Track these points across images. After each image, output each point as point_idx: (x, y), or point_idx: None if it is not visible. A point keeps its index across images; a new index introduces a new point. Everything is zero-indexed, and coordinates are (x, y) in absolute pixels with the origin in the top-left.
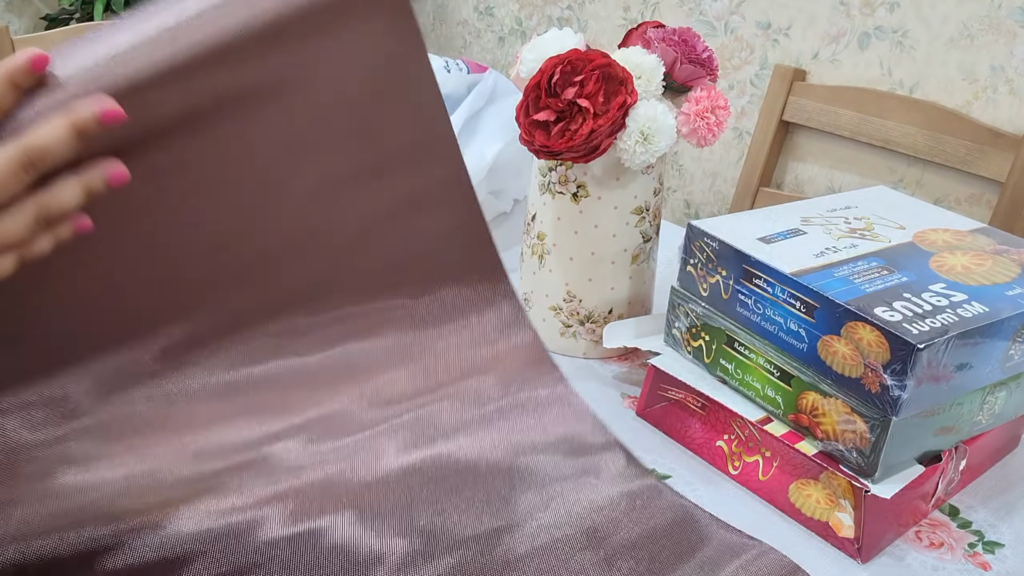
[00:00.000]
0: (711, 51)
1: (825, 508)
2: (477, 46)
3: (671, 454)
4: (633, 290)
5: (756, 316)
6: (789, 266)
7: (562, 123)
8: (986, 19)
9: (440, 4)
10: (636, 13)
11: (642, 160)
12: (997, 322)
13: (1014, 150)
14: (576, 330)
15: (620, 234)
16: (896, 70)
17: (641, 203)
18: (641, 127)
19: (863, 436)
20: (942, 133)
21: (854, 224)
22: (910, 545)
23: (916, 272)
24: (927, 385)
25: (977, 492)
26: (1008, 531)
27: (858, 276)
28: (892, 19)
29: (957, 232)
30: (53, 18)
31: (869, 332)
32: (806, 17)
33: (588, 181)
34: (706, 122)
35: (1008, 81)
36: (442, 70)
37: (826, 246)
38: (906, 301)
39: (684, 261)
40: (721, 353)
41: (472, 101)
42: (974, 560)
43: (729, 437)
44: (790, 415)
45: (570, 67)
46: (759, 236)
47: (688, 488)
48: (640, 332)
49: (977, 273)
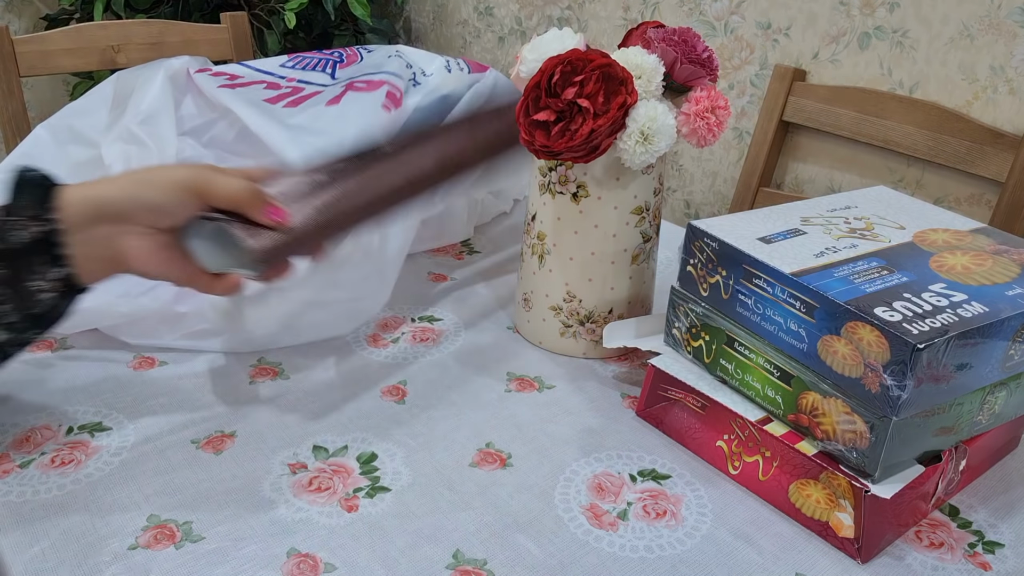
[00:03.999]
0: (711, 51)
1: (825, 508)
2: (477, 46)
3: (671, 454)
4: (633, 290)
5: (756, 316)
6: (789, 266)
7: (562, 123)
8: (986, 19)
9: (440, 4)
10: (636, 13)
11: (642, 160)
12: (997, 322)
13: (1014, 150)
14: (576, 330)
15: (620, 234)
16: (896, 70)
17: (641, 203)
18: (641, 127)
19: (863, 436)
20: (942, 133)
21: (854, 224)
22: (910, 545)
23: (916, 272)
24: (927, 385)
25: (977, 492)
26: (1008, 531)
27: (858, 276)
28: (892, 19)
29: (957, 232)
30: (53, 18)
31: (869, 332)
32: (806, 17)
33: (588, 181)
34: (706, 122)
35: (1008, 81)
36: (443, 70)
37: (826, 246)
38: (906, 301)
39: (684, 261)
40: (721, 353)
41: (470, 100)
42: (974, 560)
43: (729, 437)
44: (790, 415)
45: (570, 67)
46: (759, 236)
47: (688, 488)
48: (640, 332)
49: (977, 273)
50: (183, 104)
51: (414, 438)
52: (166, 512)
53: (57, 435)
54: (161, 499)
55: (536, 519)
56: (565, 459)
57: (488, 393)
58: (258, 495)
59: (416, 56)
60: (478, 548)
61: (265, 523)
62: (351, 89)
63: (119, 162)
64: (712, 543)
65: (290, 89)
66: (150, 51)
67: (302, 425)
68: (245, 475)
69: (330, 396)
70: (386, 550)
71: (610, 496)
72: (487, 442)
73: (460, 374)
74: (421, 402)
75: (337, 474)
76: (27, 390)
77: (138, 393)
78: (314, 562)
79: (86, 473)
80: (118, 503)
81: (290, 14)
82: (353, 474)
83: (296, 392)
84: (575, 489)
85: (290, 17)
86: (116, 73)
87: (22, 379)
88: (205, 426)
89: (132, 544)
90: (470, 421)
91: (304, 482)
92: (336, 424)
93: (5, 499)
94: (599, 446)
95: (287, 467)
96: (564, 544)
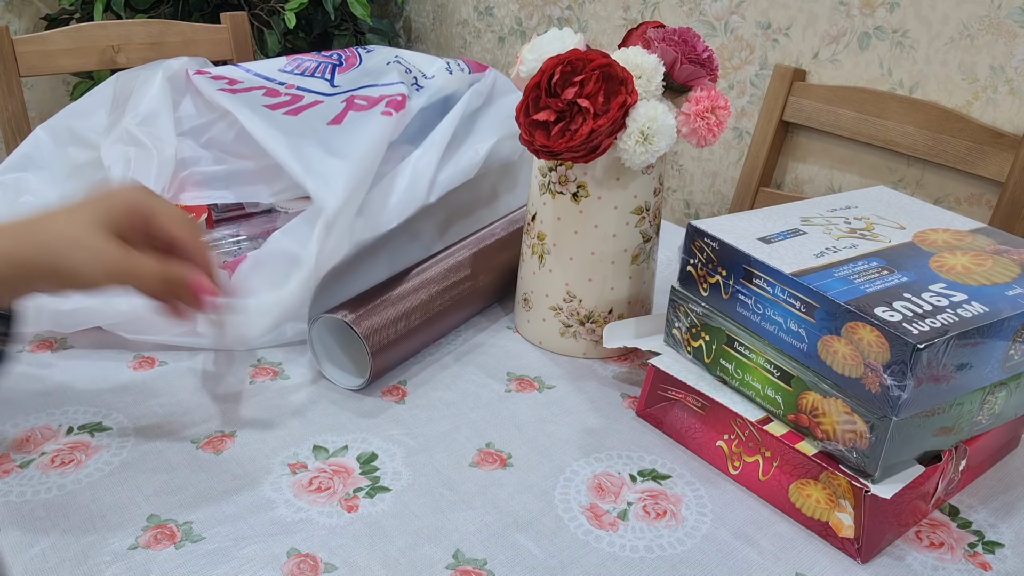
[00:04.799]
0: (711, 51)
1: (825, 508)
2: (477, 46)
3: (671, 454)
4: (633, 290)
5: (756, 316)
6: (789, 266)
7: (562, 123)
8: (986, 19)
9: (440, 4)
10: (636, 13)
11: (642, 160)
12: (997, 322)
13: (1014, 150)
14: (576, 330)
15: (620, 234)
16: (896, 70)
17: (641, 203)
18: (641, 127)
19: (863, 436)
20: (942, 133)
21: (854, 224)
22: (910, 545)
23: (916, 272)
24: (927, 385)
25: (977, 492)
26: (1008, 531)
27: (858, 276)
28: (892, 19)
29: (957, 232)
30: (53, 18)
31: (869, 332)
32: (806, 17)
33: (588, 181)
34: (706, 122)
35: (1008, 81)
36: (444, 71)
37: (826, 246)
38: (906, 301)
39: (684, 261)
40: (721, 353)
41: (469, 99)
42: (974, 560)
43: (729, 437)
44: (790, 415)
45: (570, 67)
46: (759, 236)
47: (688, 488)
48: (640, 332)
49: (977, 273)
50: (182, 105)
51: (414, 438)
52: (166, 512)
53: (57, 435)
54: (161, 499)
55: (536, 519)
56: (565, 459)
57: (488, 393)
58: (258, 495)
59: (415, 59)
60: (478, 548)
61: (265, 523)
62: (352, 108)
63: (118, 164)
64: (712, 543)
65: (289, 97)
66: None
67: (302, 425)
68: (245, 475)
69: (330, 396)
70: (386, 550)
71: (610, 496)
72: (487, 442)
73: (460, 374)
74: (421, 402)
75: (337, 474)
76: (27, 390)
77: (138, 393)
78: (314, 562)
79: (86, 473)
80: (118, 503)
81: (290, 14)
82: (353, 474)
83: (296, 392)
84: (575, 489)
85: (290, 17)
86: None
87: (22, 379)
88: (205, 426)
89: (132, 544)
90: (470, 421)
91: (304, 482)
92: (336, 424)
93: (5, 499)
94: (599, 446)
95: (287, 467)
96: (564, 544)
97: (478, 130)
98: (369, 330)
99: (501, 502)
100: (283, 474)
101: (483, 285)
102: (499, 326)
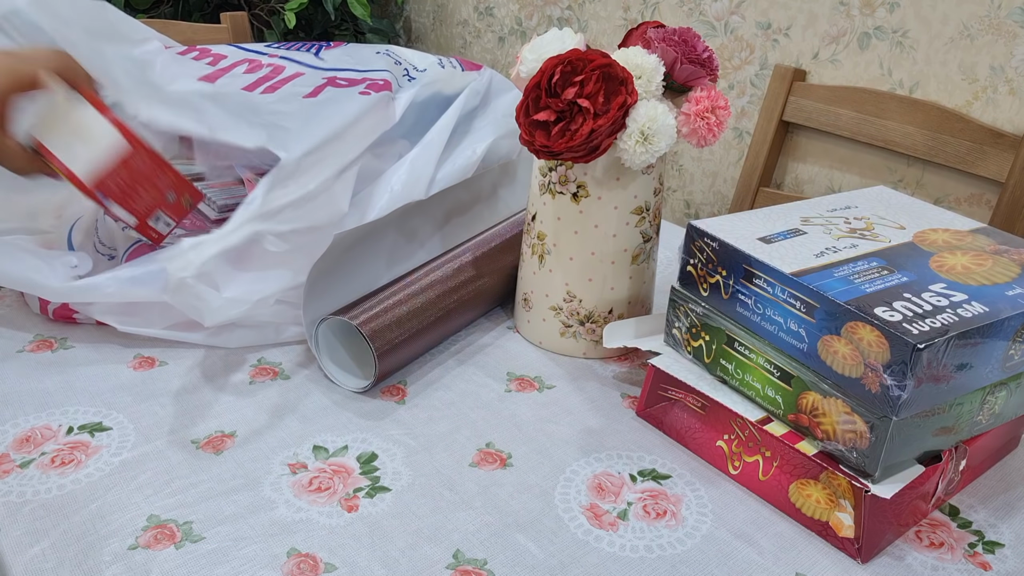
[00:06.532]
0: (711, 51)
1: (825, 508)
2: (477, 46)
3: (671, 454)
4: (633, 290)
5: (756, 316)
6: (789, 266)
7: (562, 123)
8: (986, 19)
9: (440, 4)
10: (636, 13)
11: (642, 160)
12: (997, 322)
13: (1014, 150)
14: (576, 330)
15: (620, 234)
16: (896, 70)
17: (641, 203)
18: (641, 127)
19: (863, 436)
20: (942, 133)
21: (854, 224)
22: (910, 545)
23: (916, 272)
24: (927, 385)
25: (977, 492)
26: (1008, 531)
27: (858, 276)
28: (892, 19)
29: (957, 232)
30: None
31: (869, 332)
32: (806, 17)
33: (588, 181)
34: (706, 122)
35: (1008, 81)
36: (435, 66)
37: (826, 246)
38: (906, 301)
39: (684, 261)
40: (721, 353)
41: (466, 99)
42: (974, 560)
43: (729, 437)
44: (790, 415)
45: (570, 67)
46: (759, 236)
47: (688, 488)
48: (640, 332)
49: (977, 273)
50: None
51: (414, 438)
52: (166, 512)
53: (57, 435)
54: (161, 499)
55: (536, 519)
56: (565, 459)
57: (488, 393)
58: (258, 495)
59: (406, 54)
60: (478, 548)
61: (265, 523)
62: (331, 84)
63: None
64: (712, 543)
65: (271, 68)
66: None
67: (302, 425)
68: (245, 475)
69: (330, 396)
70: (386, 550)
71: (610, 496)
72: (487, 442)
73: (460, 374)
74: (421, 402)
75: (337, 474)
76: (27, 390)
77: (138, 393)
78: (314, 562)
79: (86, 473)
80: (118, 503)
81: (290, 14)
82: (353, 474)
83: (296, 392)
84: (575, 489)
85: (290, 17)
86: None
87: (22, 379)
88: (205, 426)
89: (132, 544)
90: (470, 421)
91: (304, 482)
92: (336, 424)
93: (5, 499)
94: (599, 446)
95: (287, 467)
96: (564, 544)
97: (475, 129)
98: (375, 333)
99: (501, 502)
100: (283, 474)
101: (488, 288)
102: (499, 326)
